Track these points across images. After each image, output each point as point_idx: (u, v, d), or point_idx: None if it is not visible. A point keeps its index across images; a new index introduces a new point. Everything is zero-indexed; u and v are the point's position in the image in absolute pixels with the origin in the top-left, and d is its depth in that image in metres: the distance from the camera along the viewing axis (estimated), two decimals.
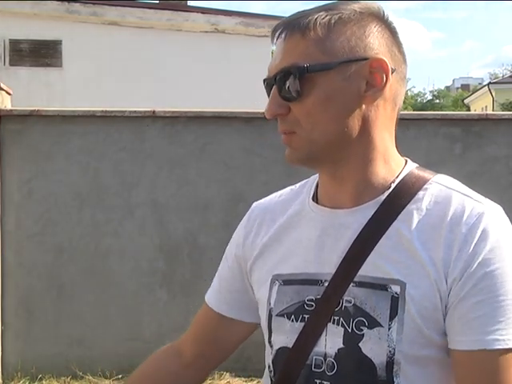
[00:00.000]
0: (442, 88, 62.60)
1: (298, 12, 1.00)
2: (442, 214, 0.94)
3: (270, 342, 1.05)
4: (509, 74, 38.52)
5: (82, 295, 4.80)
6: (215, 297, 1.18)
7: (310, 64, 0.94)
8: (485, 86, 33.84)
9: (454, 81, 69.29)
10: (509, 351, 0.89)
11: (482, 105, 32.44)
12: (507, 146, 4.92)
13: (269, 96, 1.00)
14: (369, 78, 0.96)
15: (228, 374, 4.65)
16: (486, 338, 0.89)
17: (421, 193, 0.98)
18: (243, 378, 4.63)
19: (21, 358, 4.70)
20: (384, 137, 1.00)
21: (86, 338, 4.78)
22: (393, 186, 0.99)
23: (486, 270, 0.90)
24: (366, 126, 0.97)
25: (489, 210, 0.94)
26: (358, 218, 0.98)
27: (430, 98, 58.79)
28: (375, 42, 0.97)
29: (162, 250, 4.84)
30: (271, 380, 1.05)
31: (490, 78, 43.46)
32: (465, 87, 60.35)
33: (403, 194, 0.98)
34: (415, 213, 0.96)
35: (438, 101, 56.21)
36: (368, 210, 0.98)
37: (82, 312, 4.81)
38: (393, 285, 0.93)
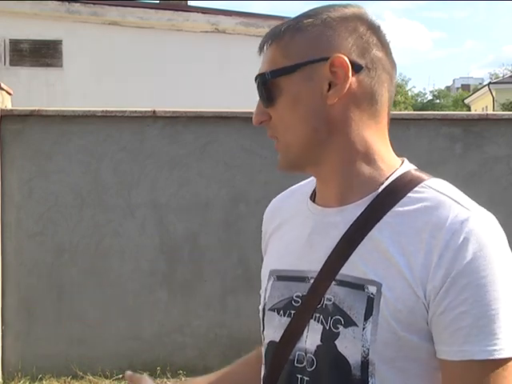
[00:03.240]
0: (443, 88, 62.53)
1: (278, 24, 1.03)
2: (426, 219, 0.92)
3: (263, 334, 1.08)
4: (509, 74, 38.46)
5: (82, 295, 4.80)
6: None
7: (271, 70, 0.98)
8: (485, 86, 33.82)
9: (454, 81, 69.23)
10: (495, 362, 0.87)
11: (482, 105, 32.44)
12: (507, 146, 4.92)
13: None
14: (331, 77, 0.96)
15: None
16: (469, 349, 0.87)
17: (410, 195, 0.96)
18: None
19: (21, 358, 4.71)
20: (364, 136, 0.99)
21: (87, 337, 4.79)
22: (382, 187, 0.98)
23: (469, 280, 0.88)
24: (336, 125, 0.97)
25: (475, 217, 0.91)
26: (345, 217, 0.99)
27: (430, 98, 58.70)
28: (341, 42, 0.97)
29: (162, 250, 4.84)
30: (264, 372, 1.08)
31: (491, 78, 43.39)
32: (465, 87, 60.30)
33: (392, 196, 0.97)
34: (401, 216, 0.95)
35: (438, 101, 56.13)
36: (355, 210, 0.98)
37: (83, 312, 4.81)
38: (370, 285, 0.93)
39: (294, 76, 0.97)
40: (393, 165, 1.01)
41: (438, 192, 0.96)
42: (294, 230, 1.07)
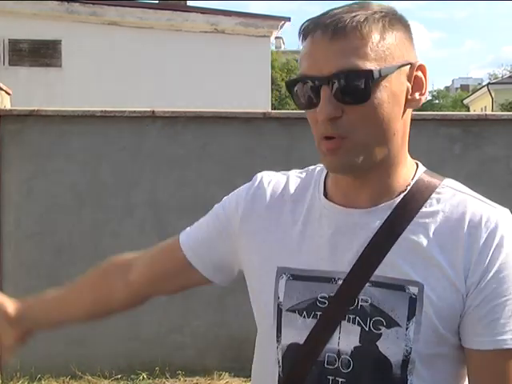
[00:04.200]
0: (442, 88, 62.53)
1: (333, 11, 0.96)
2: (460, 218, 0.96)
3: (278, 336, 1.04)
4: (508, 74, 38.45)
5: None
6: (190, 241, 1.21)
7: (381, 68, 0.92)
8: (484, 86, 33.80)
9: (453, 81, 69.23)
10: None
11: (481, 105, 32.42)
12: (506, 147, 4.92)
13: (296, 93, 0.97)
14: (413, 82, 0.98)
15: (227, 373, 4.65)
16: (503, 338, 0.93)
17: (434, 196, 1.00)
18: (242, 378, 4.63)
19: (20, 358, 4.70)
20: (407, 140, 1.03)
21: (85, 338, 4.78)
22: (408, 188, 1.00)
23: (504, 274, 0.93)
24: (405, 129, 1.01)
25: (504, 216, 0.97)
26: (373, 218, 0.99)
27: (429, 98, 58.64)
28: (412, 46, 0.99)
29: None
30: (279, 375, 1.04)
31: (490, 79, 43.37)
32: (464, 87, 60.31)
33: (418, 197, 0.99)
34: (430, 215, 0.98)
35: (437, 101, 56.11)
36: (384, 212, 0.99)
37: None
38: (411, 286, 0.95)
39: (391, 76, 0.94)
40: (413, 167, 1.04)
41: (459, 192, 1.01)
42: (308, 228, 1.04)
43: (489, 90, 31.05)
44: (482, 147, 4.90)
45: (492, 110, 27.46)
